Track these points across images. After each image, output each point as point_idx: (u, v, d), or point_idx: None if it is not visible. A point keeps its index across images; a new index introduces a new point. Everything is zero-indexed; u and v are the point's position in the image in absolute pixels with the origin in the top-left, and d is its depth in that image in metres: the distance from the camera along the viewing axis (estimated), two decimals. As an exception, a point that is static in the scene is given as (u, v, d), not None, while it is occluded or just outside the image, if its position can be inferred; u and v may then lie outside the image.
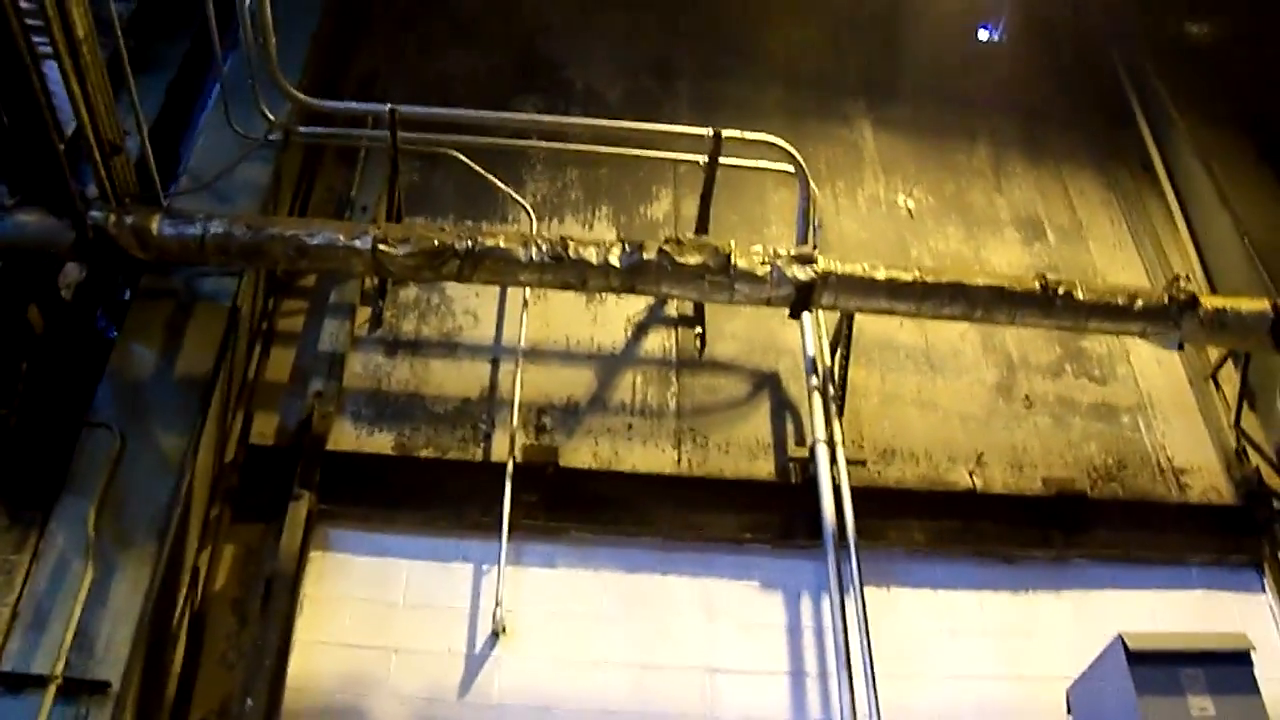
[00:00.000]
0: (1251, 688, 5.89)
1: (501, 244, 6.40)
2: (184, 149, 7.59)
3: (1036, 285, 6.79)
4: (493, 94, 8.95)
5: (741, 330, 7.96)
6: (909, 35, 10.42)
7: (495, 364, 7.53)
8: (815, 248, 7.16)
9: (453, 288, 7.76)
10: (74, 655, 5.17)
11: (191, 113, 7.95)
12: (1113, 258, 9.24)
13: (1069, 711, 6.40)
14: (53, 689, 5.04)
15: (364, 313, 7.64)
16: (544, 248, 6.41)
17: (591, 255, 6.42)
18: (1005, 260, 8.96)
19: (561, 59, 9.83)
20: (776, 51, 10.32)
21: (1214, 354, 8.33)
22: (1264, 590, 7.39)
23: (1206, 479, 7.89)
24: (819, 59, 10.39)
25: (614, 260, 6.41)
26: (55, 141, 5.80)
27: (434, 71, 9.39)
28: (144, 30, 8.13)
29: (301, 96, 7.28)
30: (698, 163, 7.62)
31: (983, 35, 11.00)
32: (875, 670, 6.23)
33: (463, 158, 7.64)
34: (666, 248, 6.47)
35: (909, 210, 9.21)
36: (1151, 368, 8.40)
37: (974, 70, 10.57)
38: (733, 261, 6.48)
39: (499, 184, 7.85)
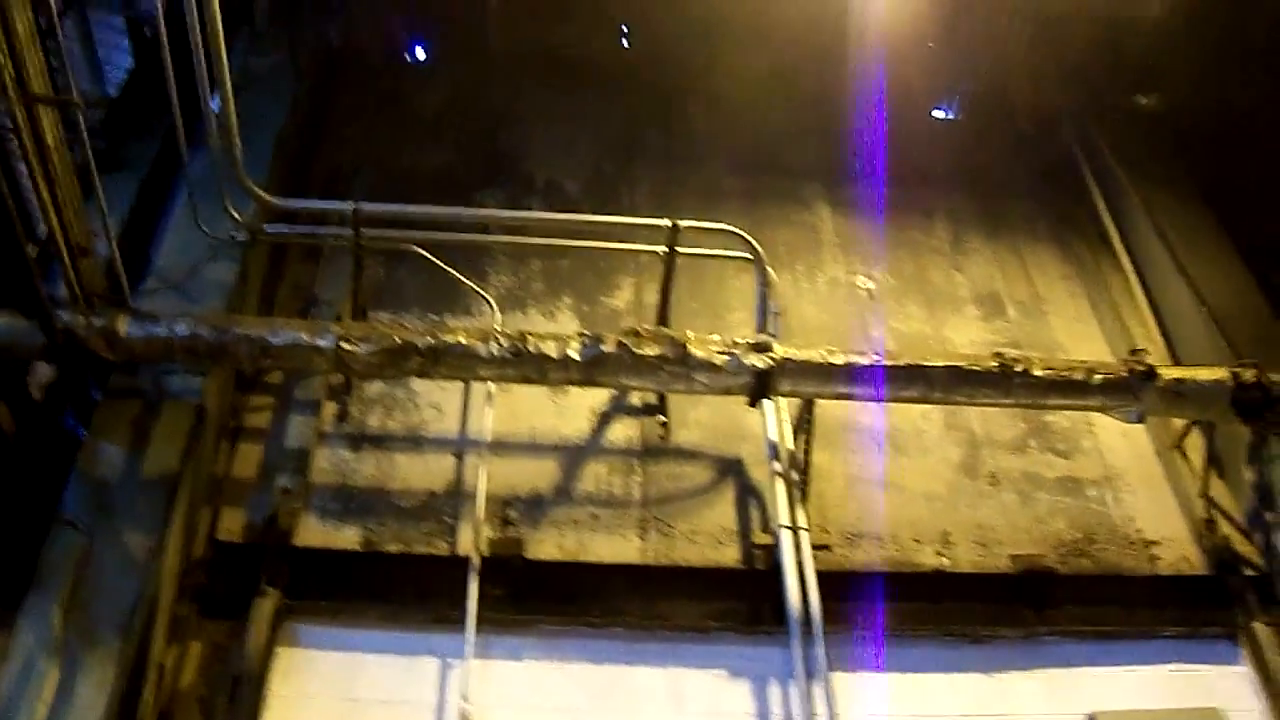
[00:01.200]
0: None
1: (462, 340, 6.48)
2: (153, 248, 7.69)
3: (994, 364, 6.88)
4: (455, 188, 9.14)
5: (705, 417, 8.01)
6: (863, 116, 10.52)
7: (460, 457, 7.56)
8: (776, 334, 7.28)
9: (417, 382, 7.81)
10: None
11: (161, 212, 8.07)
12: (1073, 331, 9.33)
13: (1044, 793, 6.40)
14: None
15: (330, 408, 7.69)
16: (504, 343, 6.49)
17: (551, 349, 6.50)
18: (967, 338, 9.05)
19: (523, 151, 9.99)
20: (734, 137, 10.50)
21: (1179, 423, 8.33)
22: (1239, 661, 7.36)
23: (1177, 550, 7.89)
24: (776, 143, 10.54)
25: (573, 354, 6.50)
26: (25, 246, 5.90)
27: (398, 167, 9.54)
28: (115, 131, 8.31)
29: (266, 197, 7.39)
30: (657, 253, 7.71)
31: (938, 114, 11.22)
32: (845, 758, 6.21)
33: (426, 254, 7.71)
34: (625, 340, 6.55)
35: (869, 291, 9.31)
36: (1116, 440, 8.44)
37: (930, 148, 10.72)
38: (690, 351, 6.57)
39: (462, 278, 7.93)
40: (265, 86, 9.03)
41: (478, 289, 8.19)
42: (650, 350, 6.56)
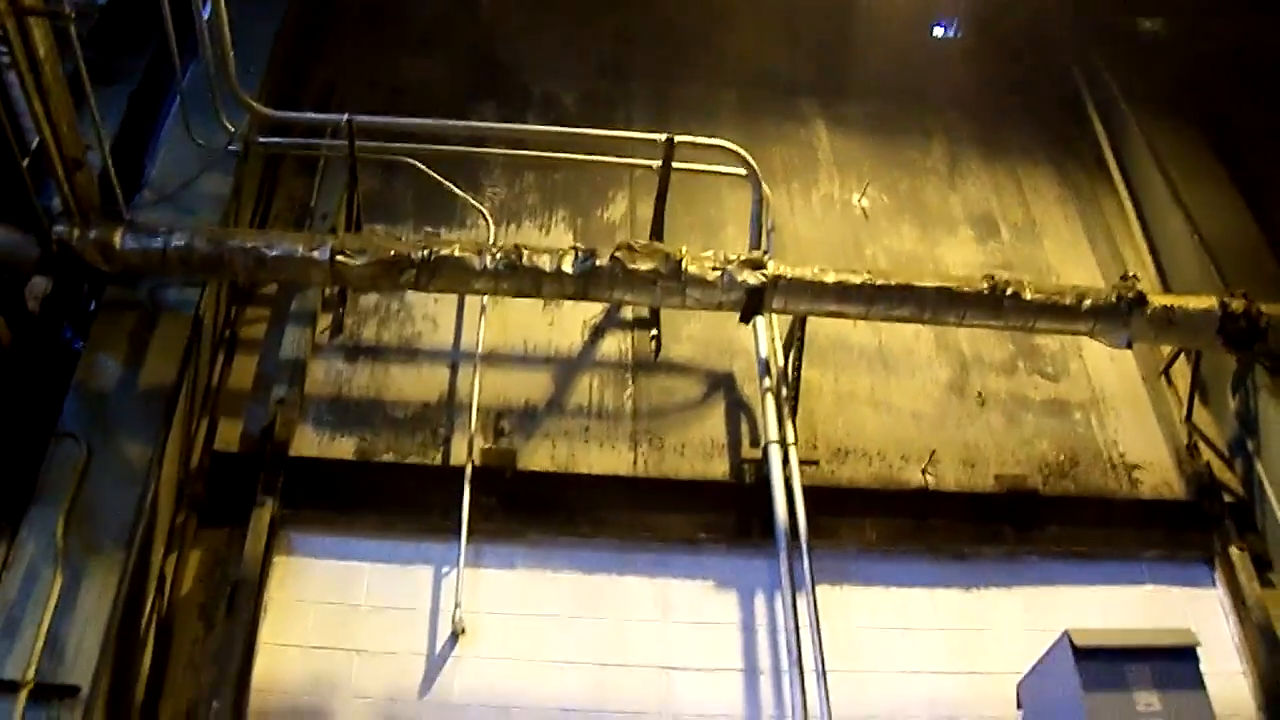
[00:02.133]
0: (1197, 683, 6.01)
1: (457, 253, 6.55)
2: (146, 160, 7.67)
3: (985, 286, 6.98)
4: (450, 100, 9.10)
5: (697, 332, 8.06)
6: (863, 32, 10.46)
7: (454, 369, 7.63)
8: (769, 251, 7.33)
9: (412, 294, 7.85)
10: (45, 661, 5.28)
11: (154, 124, 8.03)
12: (1067, 255, 9.34)
13: (1019, 706, 6.53)
14: (24, 694, 5.15)
15: (325, 320, 7.74)
16: (498, 256, 6.55)
17: (545, 263, 6.58)
18: (960, 259, 9.06)
19: (518, 64, 9.91)
20: (731, 53, 10.41)
21: (1167, 350, 8.38)
22: (1214, 584, 7.50)
23: (1158, 474, 8.00)
24: (773, 59, 10.48)
25: (567, 268, 6.56)
26: (19, 158, 5.92)
27: (392, 79, 9.46)
28: (105, 43, 8.20)
29: (260, 108, 7.39)
30: (652, 167, 7.71)
31: (938, 32, 11.10)
32: (827, 667, 6.35)
33: (421, 166, 7.73)
34: (619, 254, 6.62)
35: (864, 210, 9.31)
36: (1104, 364, 8.50)
37: (929, 68, 10.67)
38: (684, 267, 6.65)
39: (457, 190, 7.95)
40: (256, -2, 8.90)
41: (472, 201, 8.20)
42: (644, 265, 6.63)
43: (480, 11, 10.37)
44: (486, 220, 8.27)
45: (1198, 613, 7.27)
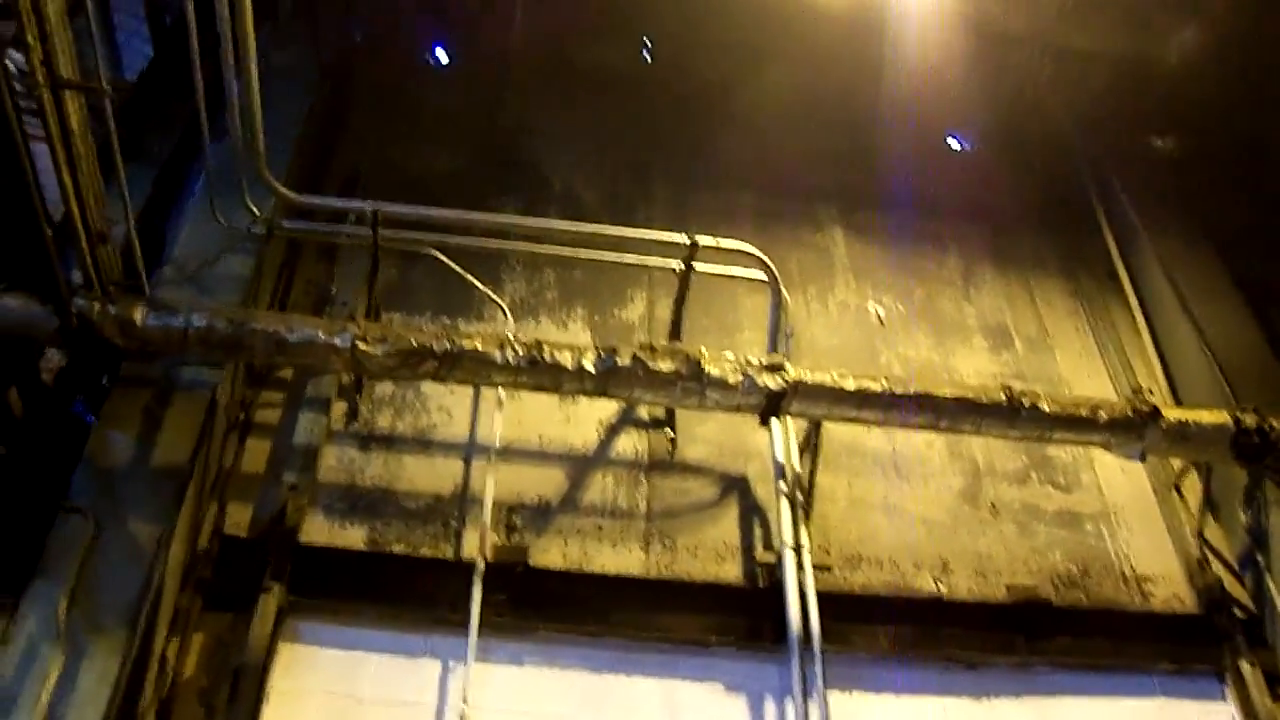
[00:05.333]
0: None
1: (479, 346, 6.55)
2: (168, 238, 7.72)
3: (1002, 397, 7.00)
4: (472, 193, 9.08)
5: (712, 434, 8.04)
6: (881, 142, 10.57)
7: (468, 462, 7.58)
8: (787, 355, 7.33)
9: (427, 385, 7.81)
10: None
11: (176, 203, 8.12)
12: (1078, 366, 9.40)
13: (1030, 820, 6.46)
14: None
15: (339, 406, 7.69)
16: (520, 351, 6.55)
17: (566, 360, 6.58)
18: (973, 368, 9.12)
19: (540, 160, 10.00)
20: (750, 158, 10.49)
21: (1177, 463, 8.41)
22: (1225, 699, 7.44)
23: (1169, 587, 7.97)
24: (792, 165, 10.55)
25: (588, 365, 6.57)
26: (45, 229, 5.87)
27: (415, 168, 9.52)
28: (132, 120, 8.30)
29: (286, 192, 7.43)
30: (673, 269, 7.78)
31: (953, 144, 11.27)
32: (838, 776, 6.26)
33: (442, 257, 7.74)
34: (640, 354, 6.63)
35: (879, 317, 9.37)
36: (1116, 476, 8.51)
37: (944, 178, 10.76)
38: (705, 369, 6.66)
39: (477, 283, 7.96)
40: (286, 81, 8.99)
41: (491, 295, 8.20)
42: (665, 365, 6.64)
43: (505, 106, 10.49)
44: (505, 314, 8.27)
45: (1210, 728, 7.19)
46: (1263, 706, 7.26)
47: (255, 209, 7.42)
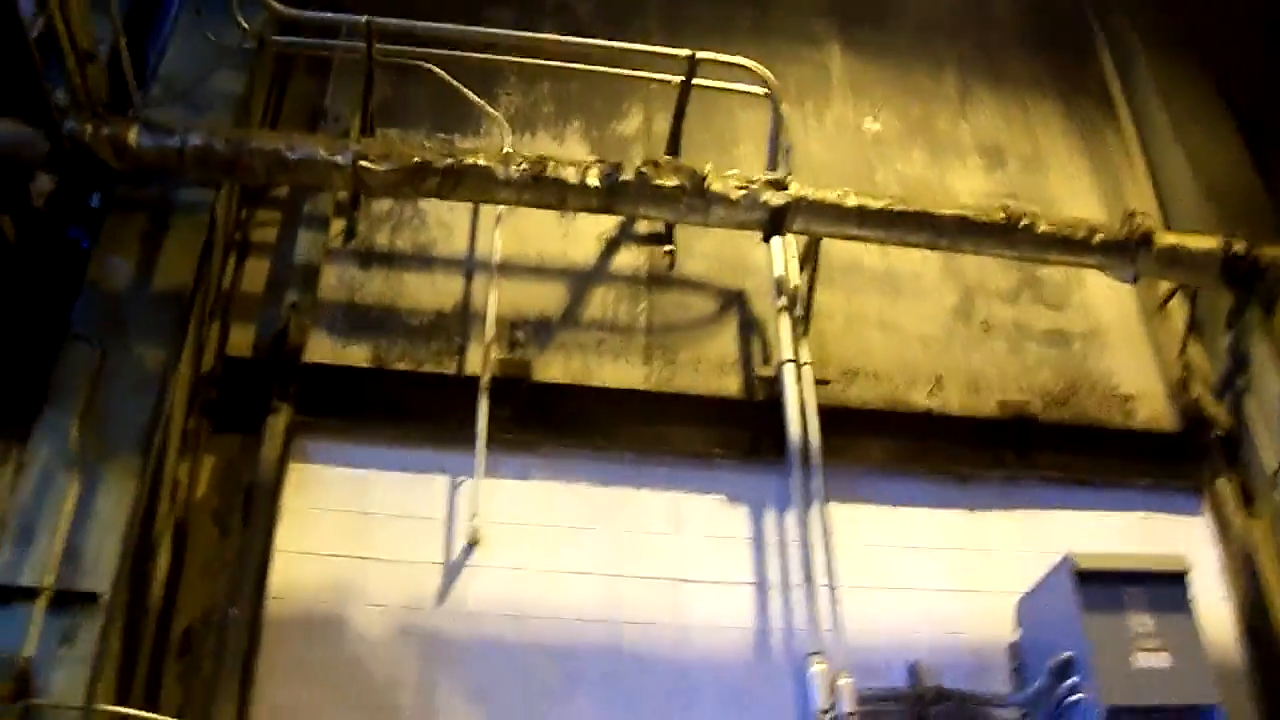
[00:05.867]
0: (1187, 606, 6.29)
1: (482, 162, 6.50)
2: (153, 53, 7.47)
3: (1001, 217, 7.07)
4: (465, 4, 8.83)
5: (711, 249, 8.03)
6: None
7: (469, 277, 7.57)
8: (787, 171, 7.32)
9: (426, 200, 7.68)
10: (63, 567, 5.18)
11: (155, 14, 7.84)
12: (1070, 187, 9.40)
13: (1018, 624, 6.74)
14: (43, 600, 5.06)
15: (337, 224, 7.60)
16: (523, 167, 6.51)
17: (570, 175, 6.57)
18: (967, 187, 9.09)
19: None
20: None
21: (1165, 285, 8.52)
22: (1202, 513, 7.76)
23: (1152, 406, 8.18)
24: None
25: (592, 181, 6.56)
26: (32, 50, 5.65)
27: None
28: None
29: (278, 5, 7.26)
30: (671, 83, 7.67)
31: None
32: (835, 582, 6.50)
33: (439, 71, 7.60)
34: (644, 170, 6.64)
35: (875, 134, 9.31)
36: (1104, 296, 8.61)
37: (943, -4, 10.55)
38: (708, 185, 6.69)
39: (473, 97, 7.83)
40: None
41: (489, 108, 8.06)
42: (669, 181, 6.65)
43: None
44: (503, 128, 8.12)
45: (1185, 540, 7.48)
46: (1235, 521, 7.57)
47: (244, 23, 7.19)
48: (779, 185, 6.77)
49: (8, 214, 6.28)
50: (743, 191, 6.69)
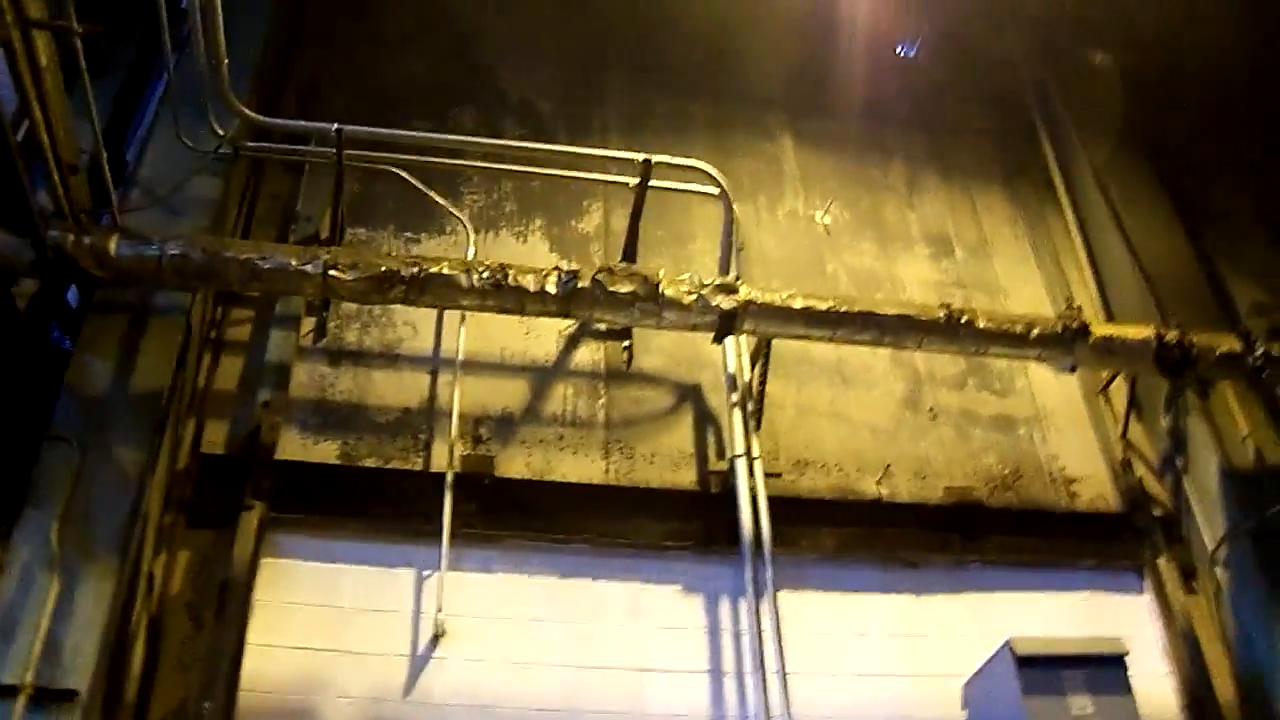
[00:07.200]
0: (1125, 688, 6.58)
1: (445, 270, 6.75)
2: (126, 150, 7.77)
3: (941, 315, 7.32)
4: (430, 104, 9.22)
5: (667, 344, 8.30)
6: (829, 50, 10.58)
7: (434, 375, 7.81)
8: (739, 272, 7.62)
9: (394, 300, 7.99)
10: (42, 665, 5.32)
11: (135, 121, 8.09)
12: (1015, 274, 9.74)
13: (964, 707, 7.01)
14: (23, 698, 5.22)
15: (308, 322, 7.84)
16: (485, 275, 6.76)
17: (529, 283, 6.81)
18: (916, 276, 9.42)
19: (496, 68, 9.96)
20: (703, 65, 10.56)
21: (1105, 371, 8.77)
22: (1143, 592, 8.03)
23: (1095, 488, 8.49)
24: (743, 74, 10.62)
25: (550, 288, 6.81)
26: (18, 161, 5.83)
27: (373, 80, 9.45)
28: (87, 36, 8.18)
29: (251, 114, 7.50)
30: (628, 185, 7.95)
31: (901, 53, 11.32)
32: (787, 669, 6.77)
33: (405, 175, 7.89)
34: (600, 277, 6.87)
35: (825, 227, 9.60)
36: (1048, 382, 8.93)
37: (890, 86, 10.83)
38: (661, 291, 6.93)
39: (439, 199, 8.12)
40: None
41: (453, 210, 8.37)
42: (623, 288, 6.89)
43: (459, 14, 10.32)
44: (466, 228, 8.44)
45: (1129, 618, 7.79)
46: (1176, 599, 7.86)
47: (219, 130, 7.44)
48: (729, 289, 7.02)
49: (-6, 318, 6.50)
50: (694, 296, 6.95)
